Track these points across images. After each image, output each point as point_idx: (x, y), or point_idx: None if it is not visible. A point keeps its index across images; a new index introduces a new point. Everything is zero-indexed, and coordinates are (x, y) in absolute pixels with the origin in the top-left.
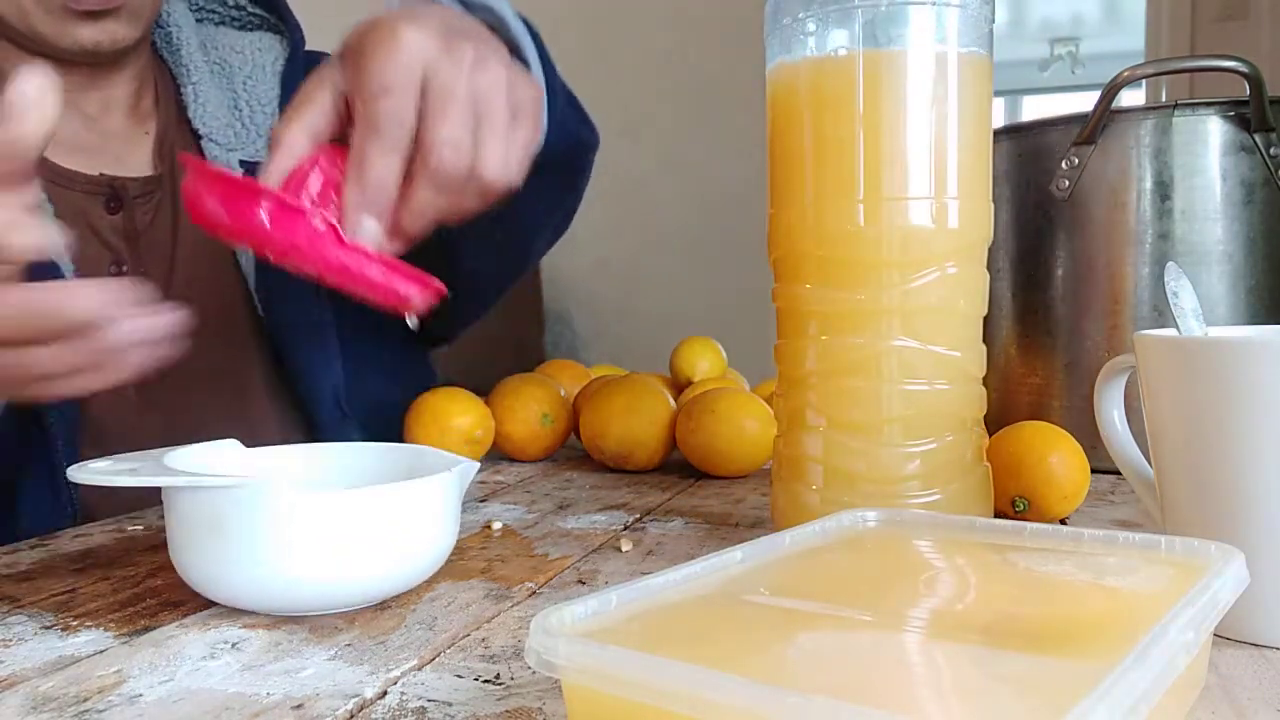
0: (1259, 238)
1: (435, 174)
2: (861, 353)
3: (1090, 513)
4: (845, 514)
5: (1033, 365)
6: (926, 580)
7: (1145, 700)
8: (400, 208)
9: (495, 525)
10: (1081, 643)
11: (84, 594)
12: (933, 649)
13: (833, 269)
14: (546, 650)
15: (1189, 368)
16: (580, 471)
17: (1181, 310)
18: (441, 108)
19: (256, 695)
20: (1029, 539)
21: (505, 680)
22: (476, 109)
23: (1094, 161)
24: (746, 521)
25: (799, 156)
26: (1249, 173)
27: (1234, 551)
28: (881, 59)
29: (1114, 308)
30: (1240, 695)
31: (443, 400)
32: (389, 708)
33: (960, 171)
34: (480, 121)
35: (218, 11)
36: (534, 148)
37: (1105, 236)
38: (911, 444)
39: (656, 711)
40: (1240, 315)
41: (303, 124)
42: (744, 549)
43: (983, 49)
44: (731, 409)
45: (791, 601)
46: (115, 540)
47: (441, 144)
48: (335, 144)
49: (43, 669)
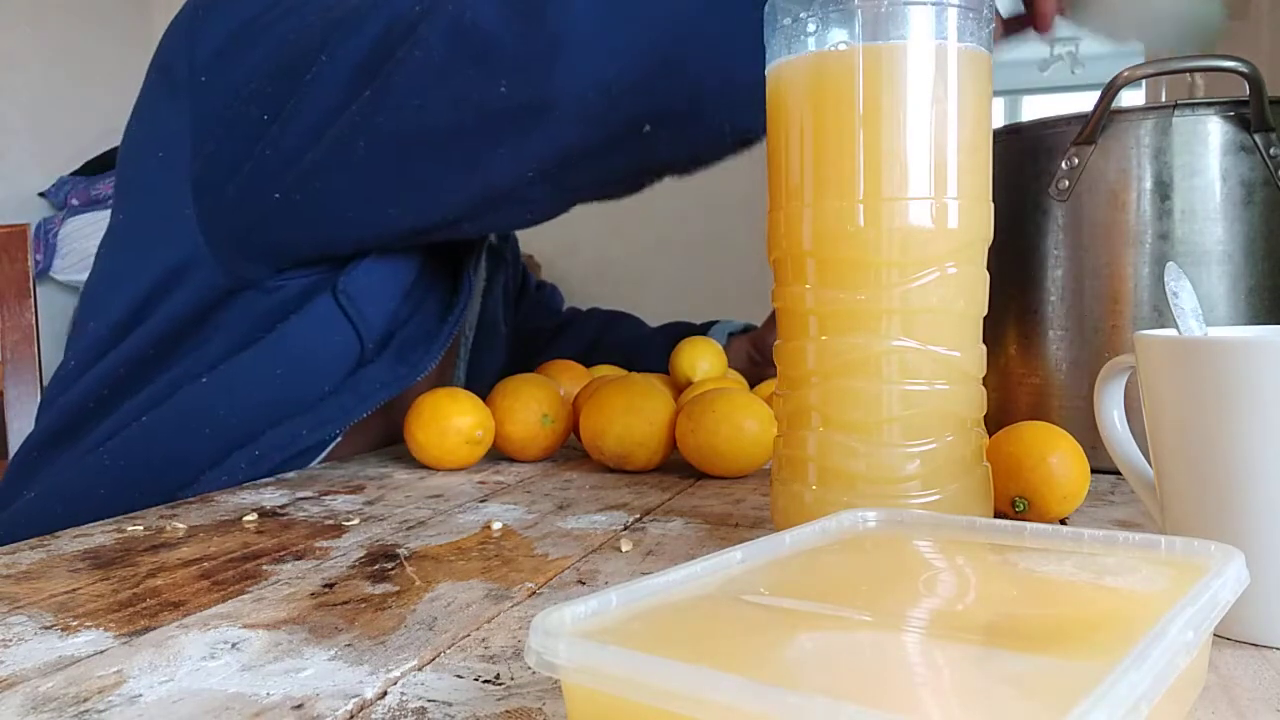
0: (1259, 238)
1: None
2: (861, 353)
3: (1090, 513)
4: (845, 514)
5: (1033, 365)
6: (926, 580)
7: (1145, 700)
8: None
9: (495, 525)
10: (1081, 643)
11: (84, 594)
12: (933, 649)
13: (832, 269)
14: (546, 650)
15: (1189, 368)
16: (580, 471)
17: (1181, 310)
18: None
19: (256, 695)
20: (1029, 539)
21: (505, 680)
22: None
23: (1094, 161)
24: (746, 521)
25: (799, 156)
26: (1249, 173)
27: (1234, 551)
28: (881, 55)
29: (1114, 308)
30: (1240, 695)
31: (443, 400)
32: (389, 708)
33: (960, 172)
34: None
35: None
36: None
37: (1105, 236)
38: (911, 444)
39: (656, 711)
40: (1240, 315)
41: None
42: (744, 549)
43: (983, 47)
44: (731, 409)
45: (791, 601)
46: (115, 540)
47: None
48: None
49: (43, 669)
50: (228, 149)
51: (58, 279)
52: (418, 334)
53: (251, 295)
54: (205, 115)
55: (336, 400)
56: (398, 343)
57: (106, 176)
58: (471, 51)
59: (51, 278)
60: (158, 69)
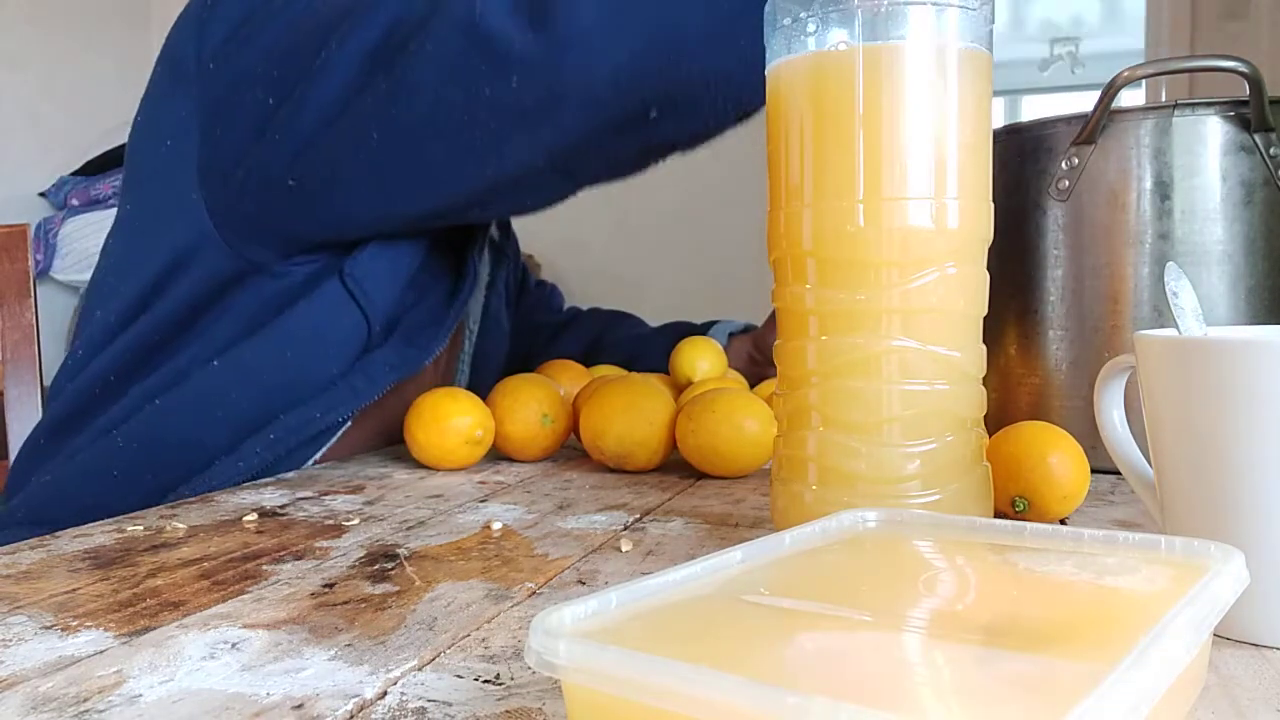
0: (1259, 238)
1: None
2: (861, 353)
3: (1090, 513)
4: (845, 514)
5: (1033, 365)
6: (926, 580)
7: (1145, 700)
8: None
9: (495, 525)
10: (1081, 643)
11: (84, 594)
12: (933, 649)
13: (832, 269)
14: (546, 650)
15: (1189, 368)
16: (580, 471)
17: (1181, 310)
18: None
19: (256, 695)
20: (1029, 539)
21: (505, 680)
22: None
23: (1094, 161)
24: (746, 521)
25: (799, 156)
26: (1249, 173)
27: (1234, 551)
28: (881, 55)
29: (1114, 308)
30: (1240, 695)
31: (443, 400)
32: (389, 708)
33: (960, 171)
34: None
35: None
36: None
37: (1105, 236)
38: (911, 444)
39: (657, 711)
40: (1240, 315)
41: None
42: (744, 549)
43: (983, 47)
44: (731, 409)
45: (791, 601)
46: (115, 540)
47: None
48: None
49: (43, 669)
50: (235, 134)
51: (58, 279)
52: (425, 318)
53: (259, 280)
54: (213, 101)
55: (347, 383)
56: (405, 327)
57: (106, 176)
58: (482, 47)
59: (51, 278)
60: (166, 60)
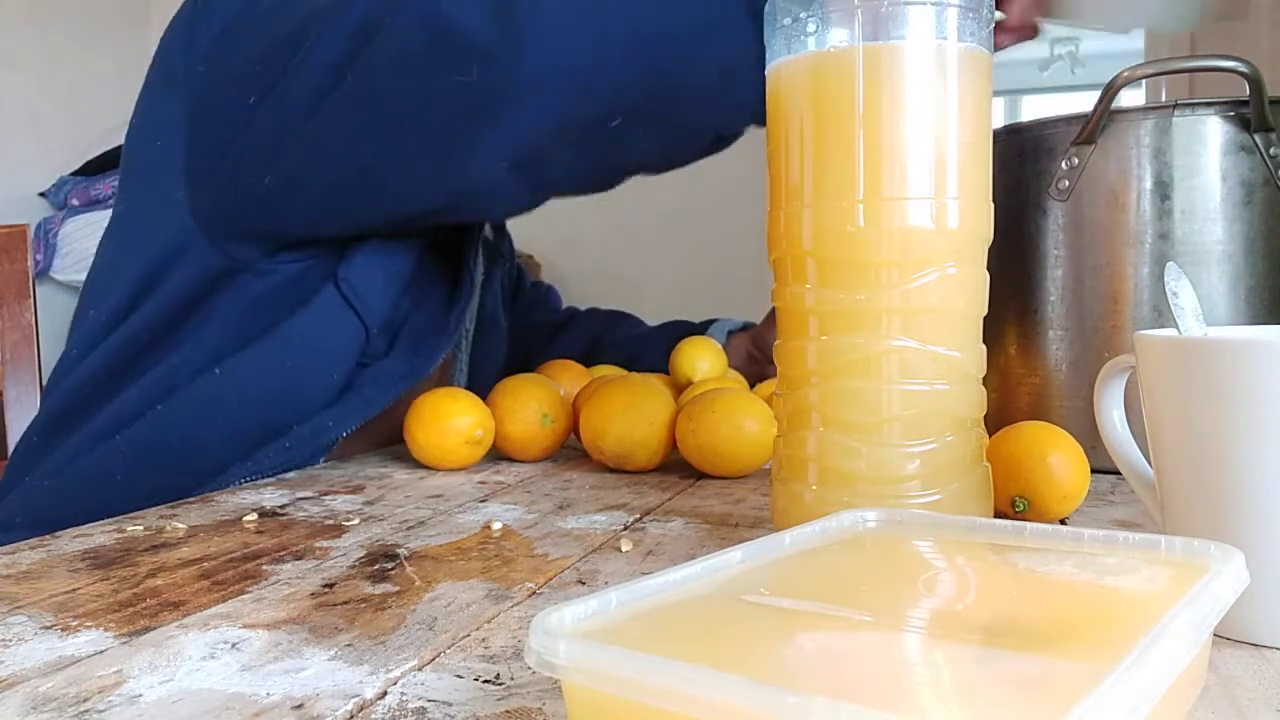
0: (1259, 238)
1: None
2: (861, 353)
3: (1090, 513)
4: (845, 514)
5: (1033, 365)
6: (926, 580)
7: (1145, 700)
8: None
9: (495, 525)
10: (1081, 643)
11: (84, 594)
12: (933, 649)
13: (832, 269)
14: (546, 650)
15: (1189, 368)
16: (580, 471)
17: (1181, 310)
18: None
19: (256, 695)
20: (1029, 539)
21: (505, 680)
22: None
23: (1094, 161)
24: (746, 521)
25: (799, 156)
26: (1249, 173)
27: (1234, 551)
28: (881, 55)
29: (1114, 308)
30: (1240, 695)
31: (443, 400)
32: (389, 708)
33: (960, 171)
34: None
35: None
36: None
37: (1105, 236)
38: (911, 444)
39: (656, 711)
40: (1240, 315)
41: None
42: (744, 549)
43: (983, 47)
44: (731, 409)
45: (791, 601)
46: (115, 540)
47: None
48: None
49: (43, 669)
50: (220, 132)
51: (58, 279)
52: (426, 325)
53: (245, 279)
54: (200, 101)
55: (360, 394)
56: (408, 335)
57: (106, 176)
58: (444, 39)
59: (51, 278)
60: (158, 64)
